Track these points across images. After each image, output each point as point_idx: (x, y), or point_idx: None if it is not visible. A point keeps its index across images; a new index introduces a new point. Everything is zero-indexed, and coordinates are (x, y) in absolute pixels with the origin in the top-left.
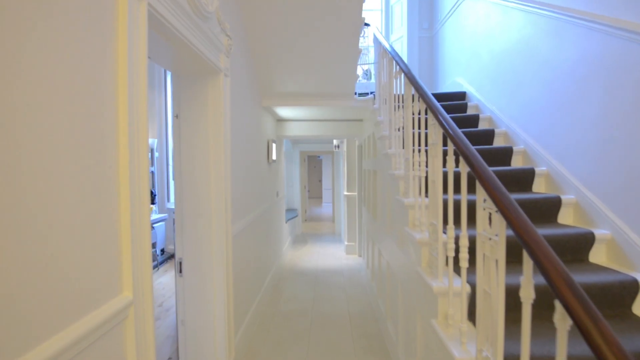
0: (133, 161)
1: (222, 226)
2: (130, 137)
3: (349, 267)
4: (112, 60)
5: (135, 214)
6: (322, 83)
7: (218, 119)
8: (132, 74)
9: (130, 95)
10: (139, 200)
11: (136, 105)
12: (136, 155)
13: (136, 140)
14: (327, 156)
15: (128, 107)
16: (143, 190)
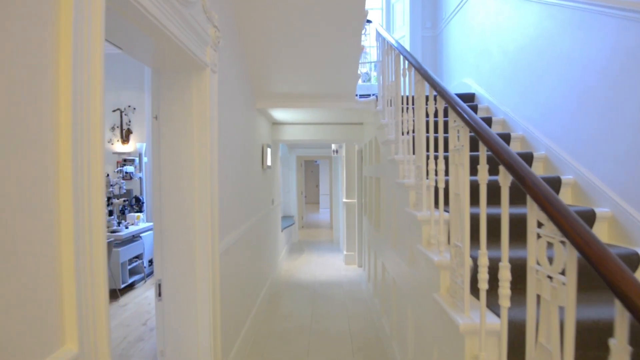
0: (78, 172)
1: (208, 243)
2: (75, 143)
3: (349, 278)
4: (51, 42)
5: (81, 240)
6: (321, 83)
7: (204, 120)
8: (78, 61)
9: (75, 86)
10: (86, 223)
11: (84, 100)
12: (83, 164)
13: (83, 144)
14: (324, 161)
15: (72, 101)
16: (95, 210)
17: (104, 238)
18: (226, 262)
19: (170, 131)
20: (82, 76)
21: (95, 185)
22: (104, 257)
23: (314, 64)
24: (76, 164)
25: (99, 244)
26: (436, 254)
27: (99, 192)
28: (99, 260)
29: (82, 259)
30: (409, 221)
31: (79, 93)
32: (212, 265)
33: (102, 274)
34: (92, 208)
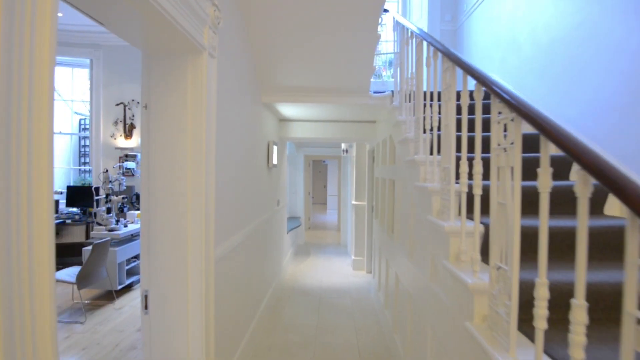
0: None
1: (201, 249)
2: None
3: (357, 286)
4: None
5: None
6: (333, 76)
7: (199, 111)
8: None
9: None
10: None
11: (22, 69)
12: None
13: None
14: (333, 161)
15: None
16: (37, 211)
17: (49, 246)
18: (223, 270)
19: (161, 123)
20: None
21: (37, 180)
22: (49, 271)
23: (326, 54)
24: None
25: (42, 252)
26: (469, 275)
27: (42, 189)
28: (41, 275)
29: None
30: (432, 231)
31: (14, 61)
32: (205, 274)
33: (47, 297)
34: (31, 208)
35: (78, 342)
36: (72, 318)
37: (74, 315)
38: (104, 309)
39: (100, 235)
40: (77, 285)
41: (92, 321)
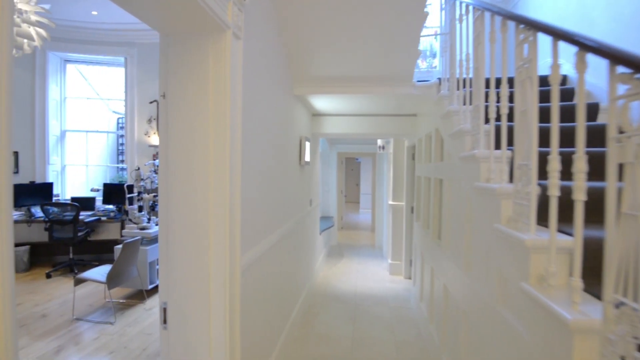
0: None
1: (225, 259)
2: None
3: (395, 293)
4: None
5: None
6: (374, 63)
7: (222, 100)
8: None
9: None
10: None
11: None
12: None
13: None
14: (366, 159)
15: None
16: None
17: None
18: (251, 279)
19: (180, 113)
20: None
21: None
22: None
23: (366, 38)
24: None
25: None
26: (565, 307)
27: None
28: None
29: None
30: (501, 243)
31: None
32: (230, 285)
33: None
34: None
35: (106, 345)
36: (103, 318)
37: (105, 315)
38: (134, 309)
39: (132, 233)
40: (107, 285)
41: (121, 322)
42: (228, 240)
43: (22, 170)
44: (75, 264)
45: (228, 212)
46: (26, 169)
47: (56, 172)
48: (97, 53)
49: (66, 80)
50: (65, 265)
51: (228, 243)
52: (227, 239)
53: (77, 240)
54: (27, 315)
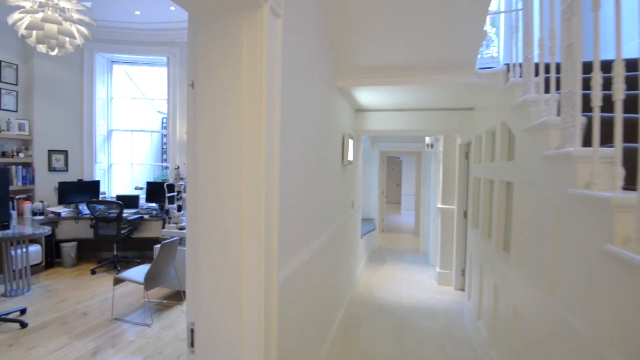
0: None
1: (259, 274)
2: None
3: (445, 306)
4: None
5: None
6: (429, 48)
7: (258, 87)
8: None
9: None
10: None
11: None
12: None
13: None
14: (409, 158)
15: None
16: None
17: None
18: (288, 295)
19: (209, 103)
20: None
21: None
22: None
23: (421, 19)
24: None
25: None
26: None
27: None
28: None
29: None
30: (616, 271)
31: None
32: (264, 305)
33: None
34: None
35: (141, 349)
36: (141, 319)
37: (143, 316)
38: (171, 310)
39: (171, 233)
40: (144, 286)
41: (158, 324)
42: (263, 252)
43: (71, 168)
44: (118, 260)
45: (264, 219)
46: (75, 167)
47: (103, 170)
48: (141, 53)
49: (112, 80)
50: (109, 262)
51: (263, 255)
52: (263, 250)
53: (121, 238)
54: (70, 312)
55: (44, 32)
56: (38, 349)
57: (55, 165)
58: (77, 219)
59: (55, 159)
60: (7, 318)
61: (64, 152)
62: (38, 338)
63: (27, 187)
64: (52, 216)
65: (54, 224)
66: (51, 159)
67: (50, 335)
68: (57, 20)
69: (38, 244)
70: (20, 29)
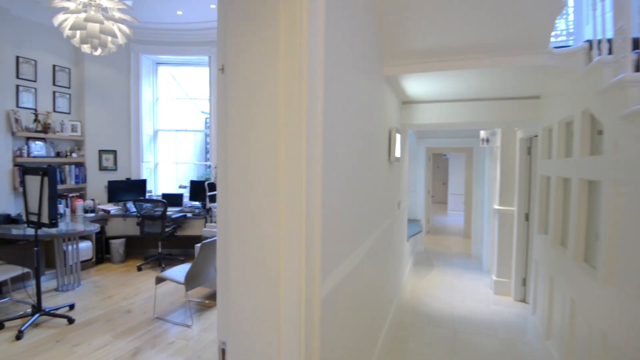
0: None
1: (300, 288)
2: None
3: (504, 319)
4: None
5: None
6: (492, 25)
7: (297, 72)
8: None
9: None
10: None
11: None
12: None
13: None
14: (457, 154)
15: None
16: None
17: None
18: (332, 310)
19: (239, 89)
20: None
21: None
22: None
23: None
24: None
25: None
26: None
27: None
28: None
29: None
30: None
31: None
32: (305, 322)
33: None
34: None
35: (180, 351)
36: (181, 319)
37: (184, 316)
38: (212, 311)
39: (212, 232)
40: (185, 286)
41: (198, 325)
42: (304, 264)
43: (120, 167)
44: (163, 258)
45: (304, 226)
46: (123, 166)
47: (150, 169)
48: (184, 54)
49: (158, 81)
50: (155, 259)
51: (304, 268)
52: (303, 262)
53: (165, 236)
54: (115, 309)
55: (87, 32)
56: (82, 346)
57: (106, 164)
58: (125, 217)
59: (105, 159)
60: (56, 313)
61: (113, 152)
62: (83, 335)
63: (80, 186)
64: (102, 214)
65: (104, 221)
66: (101, 158)
67: (95, 332)
68: (99, 19)
69: (89, 240)
70: (65, 30)
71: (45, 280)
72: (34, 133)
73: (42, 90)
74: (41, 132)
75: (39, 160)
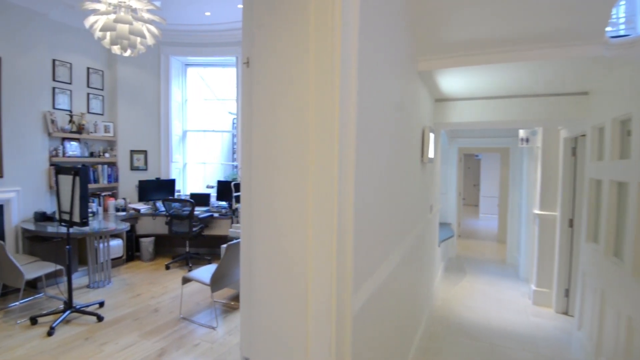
0: None
1: (330, 303)
2: None
3: (546, 333)
4: None
5: None
6: (539, 10)
7: (330, 66)
8: None
9: None
10: None
11: None
12: None
13: None
14: (489, 155)
15: None
16: None
17: None
18: (363, 324)
19: (268, 85)
20: None
21: None
22: None
23: None
24: None
25: None
26: None
27: None
28: None
29: None
30: None
31: None
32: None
33: None
34: None
35: (205, 354)
36: (207, 320)
37: (209, 317)
38: (237, 313)
39: (237, 234)
40: (210, 287)
41: (223, 327)
42: (335, 275)
43: (150, 167)
44: (190, 257)
45: (335, 233)
46: (153, 166)
47: (178, 169)
48: (212, 54)
49: (187, 83)
50: (182, 258)
51: (335, 280)
52: (334, 273)
53: (193, 235)
54: (142, 308)
55: (117, 33)
56: (109, 345)
57: (136, 164)
58: (154, 216)
59: (136, 159)
60: (86, 311)
61: (144, 152)
62: (111, 333)
63: (112, 185)
64: (132, 212)
65: (134, 219)
66: (132, 158)
67: (123, 331)
68: (128, 20)
69: (120, 238)
70: (95, 32)
71: (78, 277)
72: (69, 134)
73: (76, 92)
74: (76, 133)
75: (74, 160)
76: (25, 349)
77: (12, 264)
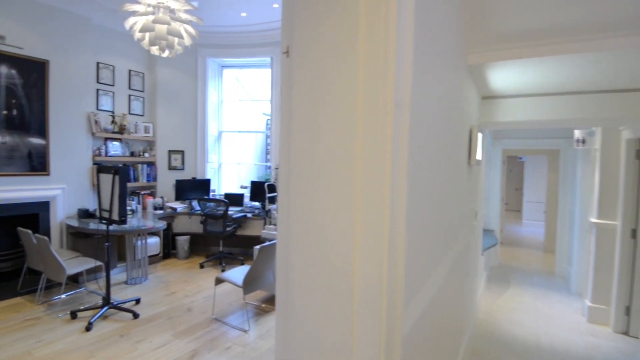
0: None
1: (378, 321)
2: None
3: (604, 354)
4: None
5: None
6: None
7: (383, 57)
8: None
9: None
10: None
11: None
12: None
13: None
14: (534, 157)
15: None
16: None
17: None
18: (413, 345)
19: (310, 79)
20: None
21: None
22: None
23: None
24: None
25: None
26: None
27: None
28: None
29: None
30: None
31: None
32: None
33: None
34: None
35: (236, 358)
36: (239, 322)
37: (241, 319)
38: (269, 316)
39: (270, 235)
40: (242, 290)
41: (255, 331)
42: (385, 292)
43: (187, 167)
44: (224, 256)
45: (386, 242)
46: (189, 166)
47: (213, 169)
48: (248, 55)
49: (223, 84)
50: (216, 257)
51: (385, 296)
52: (384, 289)
53: (226, 235)
54: (177, 307)
55: (155, 34)
56: (144, 343)
57: (174, 164)
58: (190, 215)
59: (173, 159)
60: (123, 307)
61: (181, 152)
62: (146, 331)
63: (151, 184)
64: (169, 211)
65: (171, 218)
66: (170, 158)
67: (157, 329)
68: (166, 20)
69: (157, 236)
70: (135, 33)
71: (117, 273)
72: (111, 134)
73: (119, 93)
74: (117, 133)
75: (115, 160)
76: (64, 343)
77: (55, 259)
